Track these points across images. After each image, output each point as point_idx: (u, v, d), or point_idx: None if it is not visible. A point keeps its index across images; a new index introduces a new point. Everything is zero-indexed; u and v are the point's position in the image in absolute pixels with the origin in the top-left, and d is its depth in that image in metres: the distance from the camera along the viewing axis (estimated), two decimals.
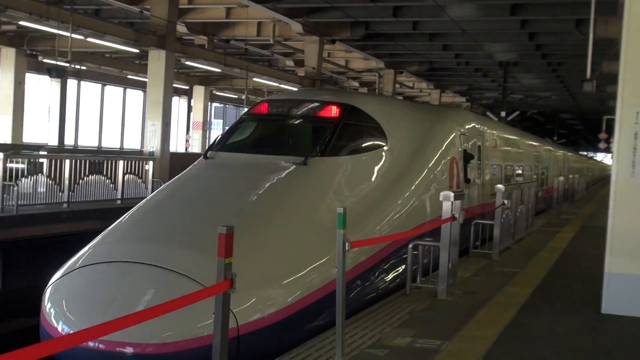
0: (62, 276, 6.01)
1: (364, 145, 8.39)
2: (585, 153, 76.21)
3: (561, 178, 19.67)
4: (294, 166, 7.56)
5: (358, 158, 8.08)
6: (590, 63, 13.11)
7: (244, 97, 27.42)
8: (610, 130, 43.06)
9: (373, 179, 8.10)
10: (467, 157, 10.89)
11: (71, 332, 5.20)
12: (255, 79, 26.50)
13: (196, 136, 33.70)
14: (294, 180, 7.43)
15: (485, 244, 11.33)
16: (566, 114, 55.31)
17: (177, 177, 7.91)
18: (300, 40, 26.68)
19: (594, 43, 26.10)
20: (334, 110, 8.41)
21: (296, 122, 8.68)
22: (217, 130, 41.16)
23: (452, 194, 7.66)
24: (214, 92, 35.75)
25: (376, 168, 8.25)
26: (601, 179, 66.31)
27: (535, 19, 21.75)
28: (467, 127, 11.37)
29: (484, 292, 8.12)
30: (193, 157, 25.44)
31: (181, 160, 22.21)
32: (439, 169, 9.54)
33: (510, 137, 16.52)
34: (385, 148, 8.49)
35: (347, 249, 5.19)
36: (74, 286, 5.82)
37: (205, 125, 34.05)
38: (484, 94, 41.56)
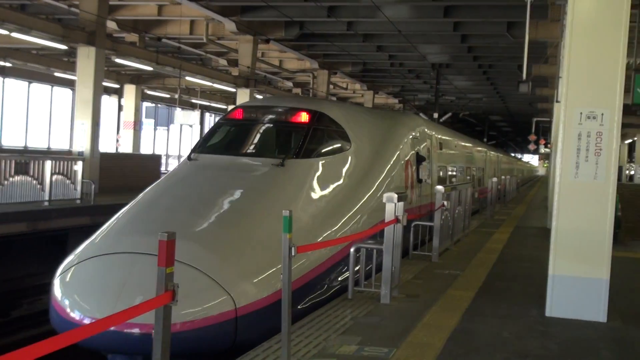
0: (72, 266, 6.39)
1: (331, 148, 9.06)
2: (513, 154, 77.83)
3: (494, 179, 19.76)
4: (272, 167, 8.22)
5: (328, 160, 8.79)
6: (526, 65, 13.11)
7: (176, 96, 26.79)
8: (539, 132, 44.05)
9: (341, 179, 8.76)
10: (419, 159, 11.82)
11: (86, 316, 5.72)
12: (188, 78, 25.93)
13: (126, 136, 32.86)
14: (274, 179, 8.04)
15: (424, 245, 11.22)
16: (496, 116, 56.31)
17: (165, 176, 8.51)
18: (234, 40, 26.24)
19: (522, 46, 26.49)
20: (304, 117, 9.13)
21: (271, 126, 9.34)
22: (148, 130, 40.25)
23: (395, 195, 7.47)
24: (145, 91, 34.93)
25: (343, 169, 8.93)
26: (529, 179, 67.87)
27: (468, 21, 21.88)
28: (418, 131, 12.30)
29: (427, 296, 7.94)
30: (124, 157, 24.86)
31: (112, 160, 21.55)
32: (396, 170, 10.38)
33: (453, 139, 17.65)
34: (349, 151, 9.20)
35: (293, 254, 4.92)
36: (85, 275, 6.23)
37: (137, 125, 33.24)
38: (417, 96, 41.86)
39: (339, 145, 9.16)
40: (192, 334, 5.64)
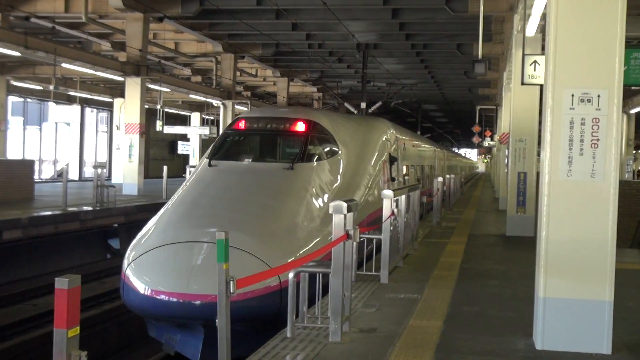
0: (143, 254, 9.16)
1: (326, 152, 12.21)
2: (453, 149, 78.87)
3: (440, 179, 19.58)
4: (284, 170, 11.32)
5: (325, 163, 11.95)
6: (481, 40, 12.78)
7: (51, 87, 25.51)
8: (483, 123, 44.46)
9: (338, 178, 12.01)
10: (392, 159, 15.32)
11: (164, 291, 8.53)
12: (65, 65, 24.73)
13: None
14: (287, 180, 11.13)
15: (369, 261, 10.83)
16: (431, 105, 56.76)
17: (192, 180, 11.41)
18: (120, 18, 25.27)
19: (463, 22, 26.42)
20: (302, 126, 12.23)
21: (274, 135, 12.33)
22: (16, 130, 38.47)
23: (344, 205, 6.94)
24: (11, 82, 33.26)
25: (337, 170, 12.14)
26: (471, 177, 68.83)
27: None
28: (389, 134, 15.98)
29: (386, 329, 7.40)
30: None
31: None
32: (377, 169, 13.77)
33: (414, 140, 21.93)
34: (339, 154, 12.40)
35: (231, 291, 4.36)
36: (158, 260, 8.97)
37: (1, 125, 31.66)
38: (340, 82, 41.58)
39: (330, 149, 12.31)
40: (248, 303, 8.26)
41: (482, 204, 28.89)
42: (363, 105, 30.22)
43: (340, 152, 12.39)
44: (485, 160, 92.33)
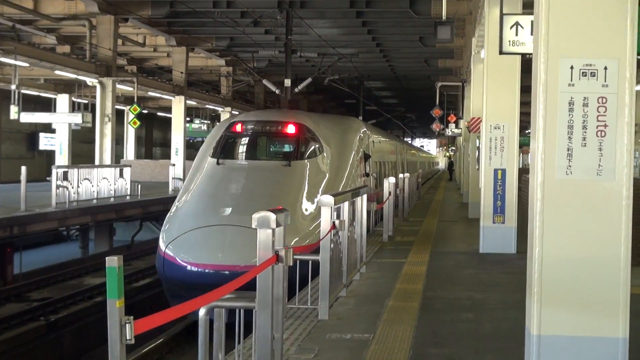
0: (179, 236, 14.96)
1: (314, 151, 18.11)
2: (408, 140, 79.60)
3: (391, 180, 19.70)
4: (283, 167, 17.30)
5: (314, 160, 17.89)
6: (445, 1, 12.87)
7: None
8: (445, 104, 44.80)
9: (326, 173, 17.92)
10: (366, 156, 21.69)
11: (200, 264, 14.42)
12: None
13: None
14: (287, 175, 17.05)
15: (303, 287, 11.15)
16: (376, 82, 57.05)
17: (205, 176, 17.15)
18: None
19: None
20: (293, 128, 18.31)
21: (270, 137, 18.76)
22: None
23: (273, 216, 6.98)
24: None
25: (324, 166, 18.05)
26: (430, 175, 69.62)
27: None
28: (362, 132, 22.28)
29: None
30: None
31: None
32: (355, 165, 19.72)
33: (382, 138, 29.84)
34: (324, 153, 18.25)
35: (128, 337, 4.84)
36: (195, 240, 14.79)
37: None
38: (257, 53, 41.46)
39: (316, 148, 18.21)
40: None
41: (445, 211, 29.12)
42: (287, 82, 30.23)
43: (325, 150, 18.33)
44: (448, 154, 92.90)
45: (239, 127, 18.58)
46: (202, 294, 6.59)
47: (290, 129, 18.30)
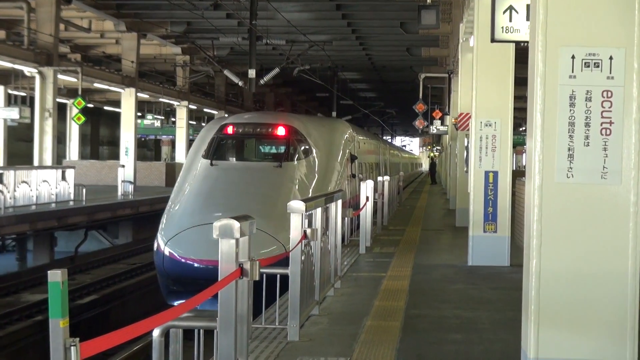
0: (178, 233, 17.33)
1: (303, 152, 20.80)
2: (386, 139, 79.81)
3: (368, 183, 19.76)
4: (274, 168, 19.90)
5: (303, 161, 20.55)
6: None
7: None
8: (429, 99, 44.88)
9: (315, 174, 20.65)
10: (352, 158, 25.02)
11: (197, 259, 16.75)
12: None
13: None
14: (278, 176, 19.66)
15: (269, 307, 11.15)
16: (352, 73, 57.11)
17: (199, 176, 19.71)
18: None
19: None
20: (284, 130, 21.01)
21: (261, 138, 21.77)
22: None
23: (237, 224, 6.97)
24: None
25: (313, 167, 20.76)
26: (413, 179, 69.84)
27: None
28: (348, 134, 25.41)
29: None
30: None
31: None
32: (342, 167, 22.77)
33: (368, 139, 34.25)
34: (314, 154, 20.94)
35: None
36: (193, 237, 17.05)
37: None
38: (217, 40, 41.41)
39: (306, 149, 20.94)
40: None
41: (430, 219, 29.20)
42: (252, 73, 30.26)
43: (314, 151, 21.10)
44: (433, 154, 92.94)
45: (230, 130, 21.33)
46: (201, 289, 6.90)
47: (280, 131, 21.10)
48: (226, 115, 42.77)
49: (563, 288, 6.73)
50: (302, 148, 20.94)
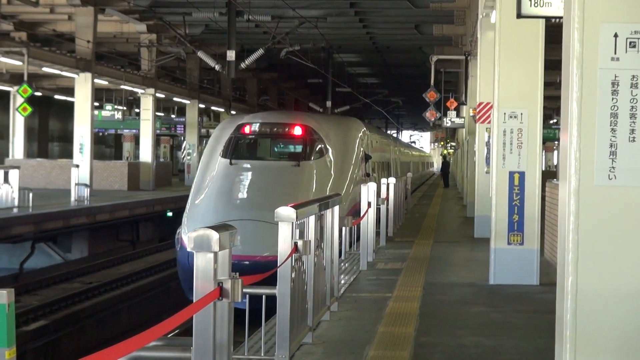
0: None
1: (319, 151, 25.70)
2: (392, 134, 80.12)
3: (370, 186, 19.83)
4: (292, 167, 24.90)
5: (320, 160, 25.48)
6: None
7: None
8: (442, 86, 44.82)
9: (331, 173, 25.54)
10: (366, 157, 29.50)
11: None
12: None
13: None
14: (297, 174, 24.74)
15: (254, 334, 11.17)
16: (351, 55, 57.14)
17: (219, 175, 24.05)
18: None
19: None
20: (300, 130, 25.89)
21: (278, 138, 26.92)
22: None
23: (216, 235, 6.98)
24: None
25: (330, 166, 25.64)
26: (423, 180, 69.99)
27: None
28: (362, 132, 30.26)
29: None
30: None
31: None
32: (358, 166, 27.80)
33: (380, 137, 39.64)
34: (330, 153, 25.76)
35: None
36: None
37: None
38: (189, 16, 41.44)
39: (322, 149, 25.46)
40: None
41: (443, 229, 29.29)
42: (231, 55, 30.28)
43: (330, 151, 25.40)
44: (446, 151, 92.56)
45: (247, 129, 25.93)
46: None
47: (297, 130, 25.69)
48: (233, 112, 57.11)
49: (604, 310, 6.76)
50: (319, 147, 25.37)
